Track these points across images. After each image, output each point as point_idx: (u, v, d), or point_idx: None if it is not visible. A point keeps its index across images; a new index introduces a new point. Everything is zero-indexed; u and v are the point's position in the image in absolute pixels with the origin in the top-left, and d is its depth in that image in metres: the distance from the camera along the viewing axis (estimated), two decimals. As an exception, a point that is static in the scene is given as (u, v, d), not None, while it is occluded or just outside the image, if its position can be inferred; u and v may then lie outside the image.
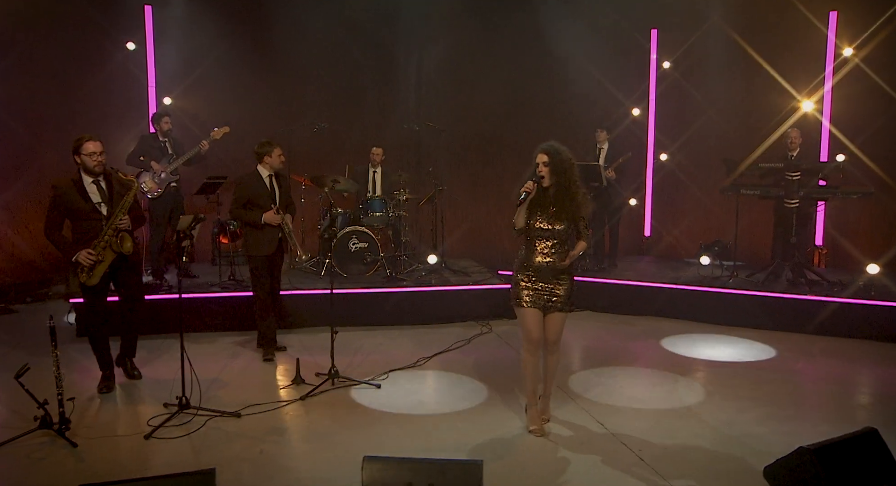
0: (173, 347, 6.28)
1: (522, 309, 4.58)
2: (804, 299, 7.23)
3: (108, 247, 5.06)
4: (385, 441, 4.53)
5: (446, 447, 4.42)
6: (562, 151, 4.55)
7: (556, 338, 4.67)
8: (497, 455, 4.33)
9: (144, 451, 4.32)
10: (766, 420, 4.92)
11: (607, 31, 9.96)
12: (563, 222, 4.50)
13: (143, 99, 8.88)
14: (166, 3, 8.85)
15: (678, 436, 4.65)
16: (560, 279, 4.57)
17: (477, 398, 5.34)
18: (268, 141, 6.12)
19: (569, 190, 4.51)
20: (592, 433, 4.72)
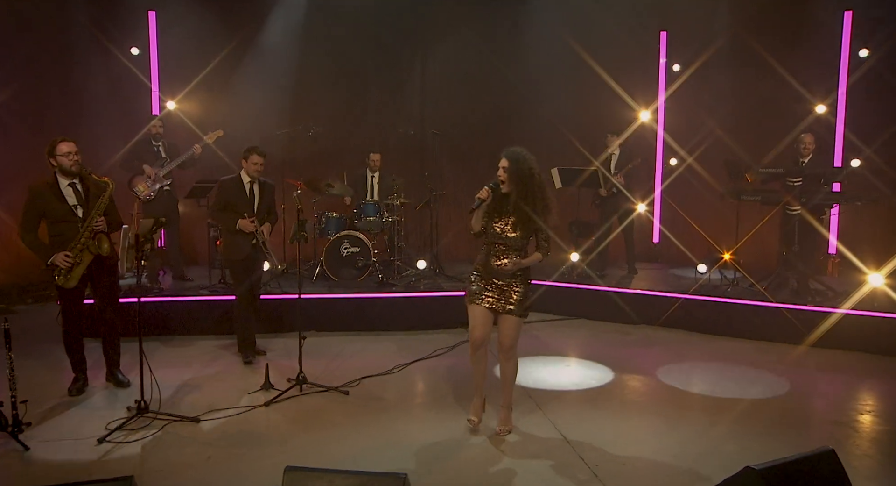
0: (157, 350, 6.39)
1: (472, 307, 4.61)
2: (801, 310, 6.95)
3: (85, 249, 5.10)
4: (334, 449, 4.47)
5: (392, 457, 4.34)
6: (524, 159, 4.48)
7: (511, 343, 4.61)
8: (438, 465, 4.23)
9: (94, 455, 4.32)
10: (736, 437, 4.72)
11: (616, 34, 9.79)
12: (519, 231, 4.46)
13: (146, 103, 8.99)
14: (169, 8, 8.95)
15: (643, 451, 4.49)
16: (513, 284, 4.53)
17: (441, 407, 5.25)
18: (250, 147, 6.08)
19: (527, 199, 4.43)
20: (551, 443, 4.60)
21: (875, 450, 4.56)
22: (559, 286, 8.14)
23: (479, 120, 10.10)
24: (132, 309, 6.50)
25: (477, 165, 10.19)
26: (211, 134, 7.67)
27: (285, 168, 8.57)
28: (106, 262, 5.27)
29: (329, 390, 5.46)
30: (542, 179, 4.55)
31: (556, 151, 9.82)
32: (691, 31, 9.74)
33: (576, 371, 6.16)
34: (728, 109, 9.50)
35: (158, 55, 9.03)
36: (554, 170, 8.47)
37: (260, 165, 5.96)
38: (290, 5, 9.23)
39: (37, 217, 5.17)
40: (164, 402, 5.13)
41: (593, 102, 9.84)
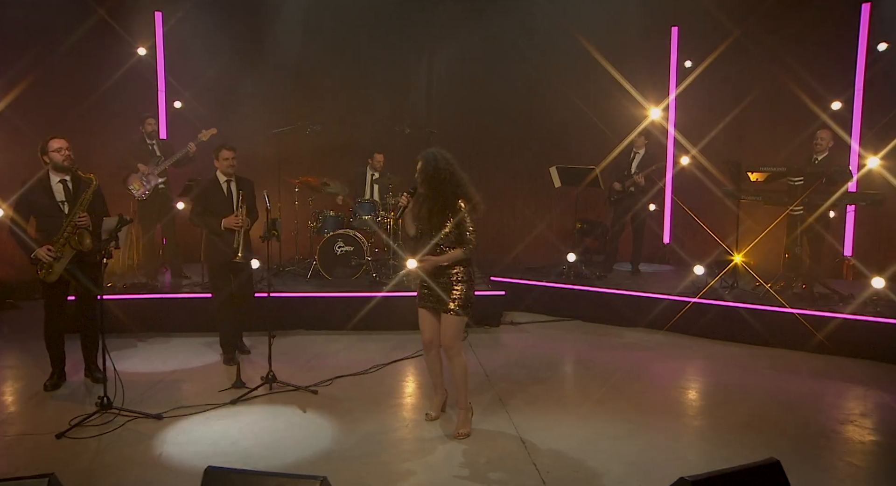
0: (143, 347, 6.50)
1: (420, 310, 4.73)
2: (800, 314, 6.70)
3: (67, 244, 5.19)
4: (285, 449, 4.46)
5: (337, 458, 4.31)
6: (433, 159, 4.53)
7: (449, 342, 4.63)
8: (384, 468, 4.18)
9: (49, 450, 4.39)
10: (703, 445, 4.57)
11: (626, 30, 9.62)
12: (439, 230, 4.49)
13: (153, 103, 9.14)
14: (176, 8, 9.07)
15: (600, 457, 4.37)
16: (452, 282, 4.56)
17: (406, 407, 5.22)
18: (219, 144, 6.06)
19: (436, 199, 4.48)
20: (508, 448, 4.51)
21: (844, 462, 4.36)
22: (554, 287, 8.01)
23: (484, 119, 10.03)
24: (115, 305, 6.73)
25: (483, 164, 10.14)
26: (205, 132, 7.76)
27: (286, 166, 8.62)
28: (88, 258, 5.34)
29: (298, 389, 5.46)
30: (461, 176, 4.59)
31: (565, 150, 9.71)
32: (704, 26, 9.49)
33: (553, 373, 6.04)
34: (741, 106, 9.24)
35: (164, 55, 9.16)
36: (552, 169, 8.36)
37: (231, 160, 5.92)
38: (295, 5, 9.27)
39: (25, 210, 5.27)
40: (136, 398, 5.22)
41: (602, 100, 9.70)
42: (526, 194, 10.29)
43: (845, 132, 8.52)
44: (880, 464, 4.40)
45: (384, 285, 7.57)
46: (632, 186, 8.18)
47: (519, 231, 10.30)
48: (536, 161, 9.77)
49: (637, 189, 8.19)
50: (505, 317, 7.75)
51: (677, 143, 9.85)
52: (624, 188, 8.22)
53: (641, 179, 8.11)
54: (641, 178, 8.11)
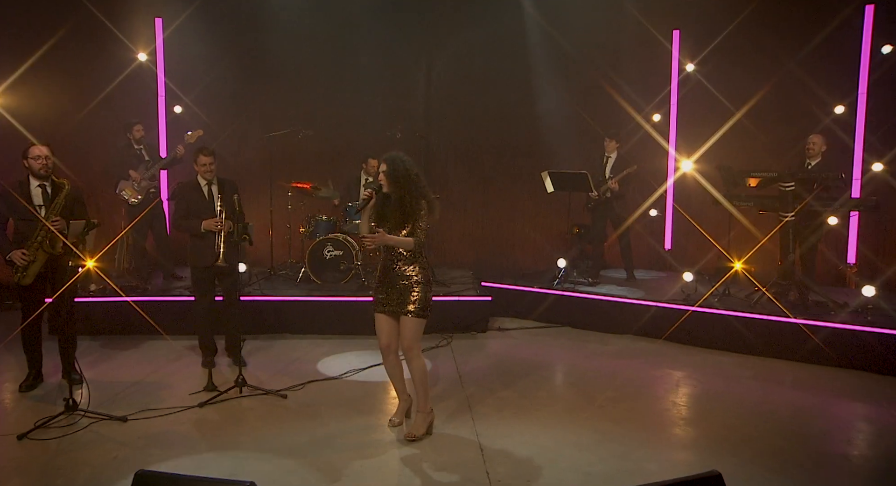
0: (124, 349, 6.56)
1: (376, 315, 4.75)
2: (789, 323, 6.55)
3: (40, 248, 5.26)
4: (239, 453, 4.46)
5: (290, 462, 4.29)
6: (401, 161, 4.65)
7: (409, 344, 4.68)
8: (333, 474, 4.16)
9: (7, 451, 4.45)
10: (665, 456, 4.47)
11: (627, 32, 9.52)
12: (403, 230, 4.57)
13: (153, 107, 9.25)
14: (176, 15, 9.18)
15: (556, 467, 4.30)
16: (410, 286, 4.64)
17: (371, 412, 5.18)
18: (196, 148, 6.07)
19: (403, 199, 4.58)
20: (465, 454, 4.47)
21: (806, 477, 4.23)
22: (545, 293, 7.93)
23: (485, 122, 9.97)
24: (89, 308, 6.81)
25: (483, 167, 10.10)
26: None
27: (282, 170, 8.66)
28: (62, 262, 5.40)
29: (267, 393, 5.47)
30: (423, 180, 4.72)
31: (564, 153, 9.63)
32: (705, 29, 9.34)
33: (527, 380, 5.96)
34: (743, 111, 9.08)
35: (165, 60, 9.27)
36: (545, 173, 8.29)
37: (209, 165, 5.90)
38: (292, 10, 9.32)
39: (4, 215, 5.36)
40: (108, 400, 5.29)
41: (602, 103, 9.60)
42: (526, 198, 10.20)
43: (848, 137, 8.34)
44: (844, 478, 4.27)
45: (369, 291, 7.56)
46: (607, 191, 8.07)
47: (518, 235, 10.23)
48: (536, 164, 9.66)
49: (613, 194, 8.08)
50: (493, 323, 7.68)
51: (678, 147, 9.71)
52: (599, 194, 8.11)
53: (615, 183, 8.01)
54: (615, 182, 8.01)
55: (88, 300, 7.04)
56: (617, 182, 8.09)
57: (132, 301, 6.98)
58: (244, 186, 8.65)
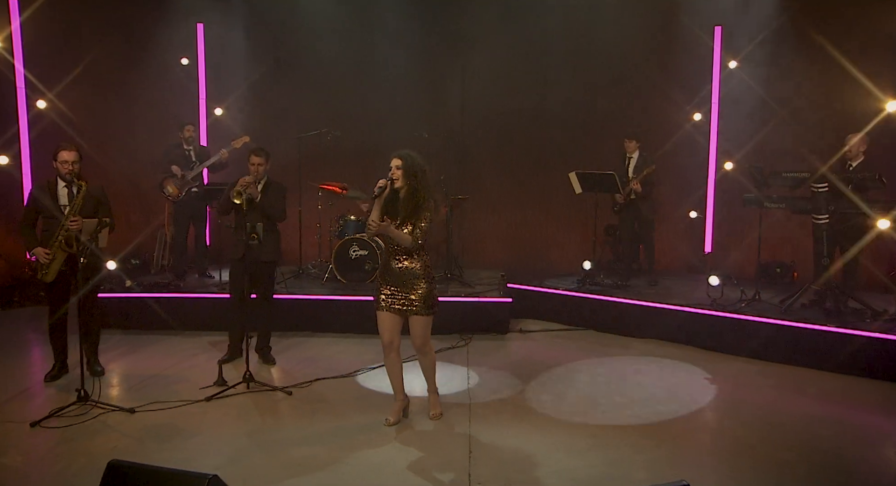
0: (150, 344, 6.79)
1: (379, 313, 4.81)
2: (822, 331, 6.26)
3: (59, 246, 5.51)
4: (228, 446, 4.57)
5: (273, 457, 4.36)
6: (415, 157, 4.74)
7: (421, 342, 4.79)
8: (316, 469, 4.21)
9: (19, 437, 4.68)
10: (656, 464, 4.35)
11: (666, 29, 9.29)
12: (410, 225, 4.62)
13: (195, 109, 9.56)
14: (217, 20, 9.47)
15: (541, 472, 4.25)
16: (414, 284, 4.71)
17: (370, 410, 5.19)
18: (253, 148, 6.19)
19: (417, 193, 4.64)
20: (452, 455, 4.46)
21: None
22: (570, 295, 7.82)
23: (520, 122, 9.88)
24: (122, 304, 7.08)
25: (518, 167, 10.01)
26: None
27: (317, 171, 8.81)
28: (86, 259, 5.61)
29: (274, 389, 5.57)
30: (431, 178, 4.84)
31: (604, 154, 9.46)
32: (749, 25, 9.05)
33: (535, 382, 5.89)
34: (789, 109, 8.76)
35: (206, 65, 9.57)
36: (572, 174, 8.18)
37: (257, 166, 6.02)
38: (328, 13, 9.45)
39: (34, 212, 5.64)
40: (123, 392, 5.53)
41: (643, 102, 9.41)
42: (562, 199, 10.04)
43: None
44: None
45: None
46: (630, 193, 7.88)
47: (554, 236, 10.10)
48: (572, 165, 9.51)
49: (637, 195, 7.88)
50: (516, 325, 7.62)
51: (720, 147, 9.42)
52: (624, 196, 7.93)
53: (637, 184, 7.81)
54: (637, 183, 7.80)
55: (122, 296, 7.33)
56: (639, 183, 7.89)
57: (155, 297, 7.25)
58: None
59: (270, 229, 6.11)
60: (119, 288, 7.50)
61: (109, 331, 7.05)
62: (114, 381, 5.82)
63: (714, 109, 9.41)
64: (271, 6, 9.56)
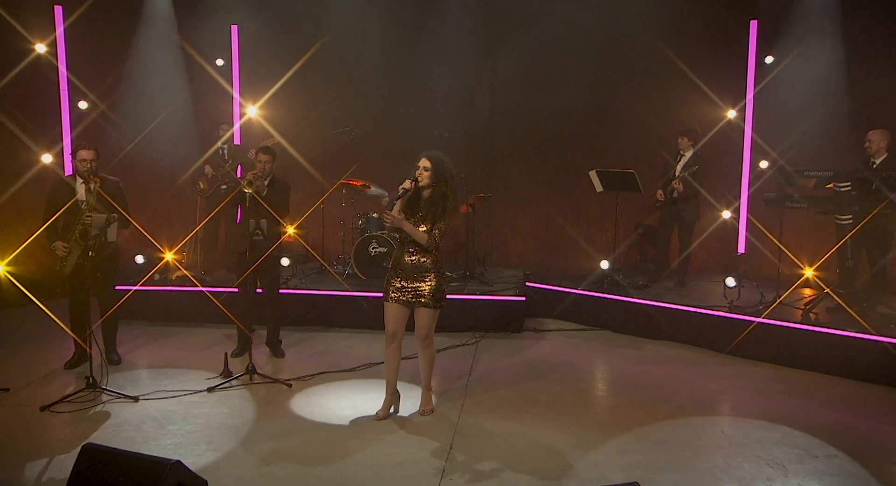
0: (167, 335, 7.04)
1: (386, 304, 4.93)
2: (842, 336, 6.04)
3: (74, 241, 5.79)
4: (215, 434, 4.71)
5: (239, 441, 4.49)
6: (445, 161, 4.81)
7: (425, 333, 4.92)
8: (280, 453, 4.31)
9: (27, 420, 4.94)
10: (638, 466, 4.28)
11: (699, 24, 9.08)
12: (427, 224, 4.72)
13: (228, 110, 9.84)
14: (250, 22, 9.72)
15: (519, 469, 4.24)
16: (425, 277, 4.82)
17: (364, 406, 5.26)
18: (261, 147, 6.39)
19: (445, 197, 4.73)
20: (433, 448, 4.51)
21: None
22: (586, 295, 7.74)
23: (549, 121, 9.80)
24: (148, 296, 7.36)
25: (547, 167, 9.94)
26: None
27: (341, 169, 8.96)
28: (102, 252, 5.89)
29: (275, 381, 5.72)
30: (457, 183, 4.96)
31: (636, 153, 9.33)
32: (787, 18, 8.77)
33: (535, 381, 5.86)
34: (828, 105, 8.46)
35: (239, 65, 9.84)
36: (592, 172, 8.09)
37: (264, 163, 6.20)
38: (357, 13, 9.59)
39: (54, 207, 5.93)
40: (132, 381, 5.75)
41: (673, 100, 9.21)
42: (591, 198, 9.94)
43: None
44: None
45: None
46: (673, 191, 7.72)
47: (584, 235, 9.98)
48: (602, 164, 9.40)
49: (680, 194, 7.71)
50: (531, 324, 7.59)
51: (755, 145, 9.14)
52: (666, 194, 7.78)
53: (679, 184, 7.63)
54: (679, 183, 7.63)
55: (148, 289, 7.63)
56: (680, 182, 7.73)
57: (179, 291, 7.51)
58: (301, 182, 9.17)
59: (275, 224, 6.26)
60: (147, 281, 7.79)
61: (134, 322, 7.39)
62: (126, 370, 6.07)
63: (749, 106, 9.15)
64: (303, 7, 9.73)
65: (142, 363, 6.26)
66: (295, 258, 8.80)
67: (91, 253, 5.38)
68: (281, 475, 4.19)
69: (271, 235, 6.19)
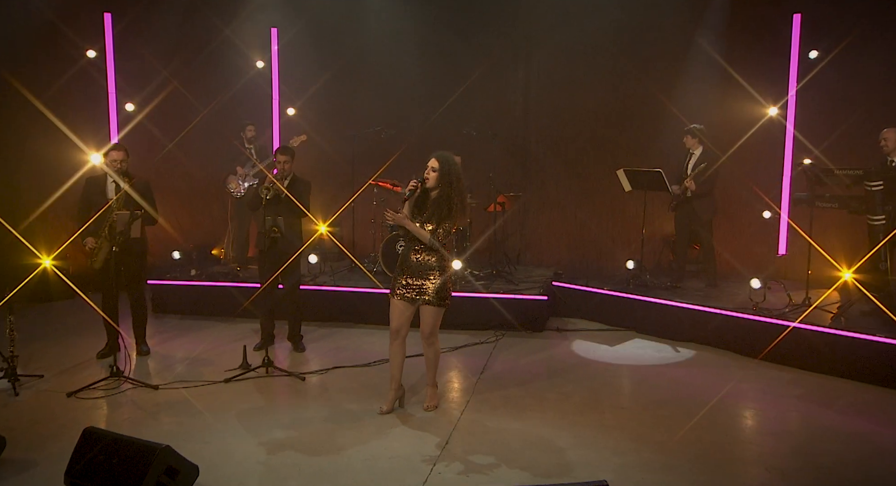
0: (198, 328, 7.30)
1: (392, 300, 5.00)
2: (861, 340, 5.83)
3: (103, 237, 6.08)
4: (217, 423, 4.89)
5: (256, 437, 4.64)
6: (453, 162, 4.86)
7: (429, 331, 4.96)
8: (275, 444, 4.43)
9: (54, 405, 5.22)
10: (631, 468, 4.24)
11: (739, 18, 8.88)
12: (433, 224, 4.79)
13: (268, 110, 10.12)
14: (290, 25, 9.96)
15: (512, 466, 4.25)
16: (430, 275, 4.87)
17: (369, 400, 5.35)
18: (282, 148, 6.60)
19: (450, 199, 4.78)
20: (422, 446, 4.55)
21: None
22: (611, 295, 7.67)
23: (584, 120, 9.73)
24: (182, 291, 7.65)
25: (582, 165, 9.85)
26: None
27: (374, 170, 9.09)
28: (133, 248, 6.17)
29: (290, 375, 5.88)
30: (464, 184, 4.95)
31: (672, 152, 9.16)
32: (831, 11, 8.48)
33: (547, 380, 5.86)
34: (875, 101, 8.15)
35: (279, 67, 10.10)
36: (620, 172, 8.01)
37: (283, 164, 6.41)
38: (393, 13, 9.71)
39: (87, 204, 6.24)
40: (155, 371, 6.03)
41: (714, 97, 9.00)
42: (626, 197, 9.79)
43: None
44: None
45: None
46: (686, 191, 7.57)
47: (619, 235, 9.86)
48: (638, 163, 9.27)
49: (693, 194, 7.55)
50: (555, 323, 7.57)
51: (798, 143, 8.86)
52: (680, 193, 7.63)
53: (691, 182, 7.48)
54: (691, 181, 7.48)
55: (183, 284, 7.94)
56: (692, 181, 7.58)
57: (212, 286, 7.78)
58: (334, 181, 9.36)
59: (294, 222, 6.43)
60: (183, 276, 8.10)
61: (168, 316, 7.69)
62: (152, 360, 6.33)
63: (791, 102, 8.87)
64: (340, 9, 9.89)
65: (169, 354, 6.52)
66: (328, 256, 9.01)
67: (115, 248, 5.62)
68: (276, 464, 4.32)
69: (290, 233, 6.36)
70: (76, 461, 3.77)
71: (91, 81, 9.17)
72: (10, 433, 4.47)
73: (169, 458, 3.67)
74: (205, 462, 4.07)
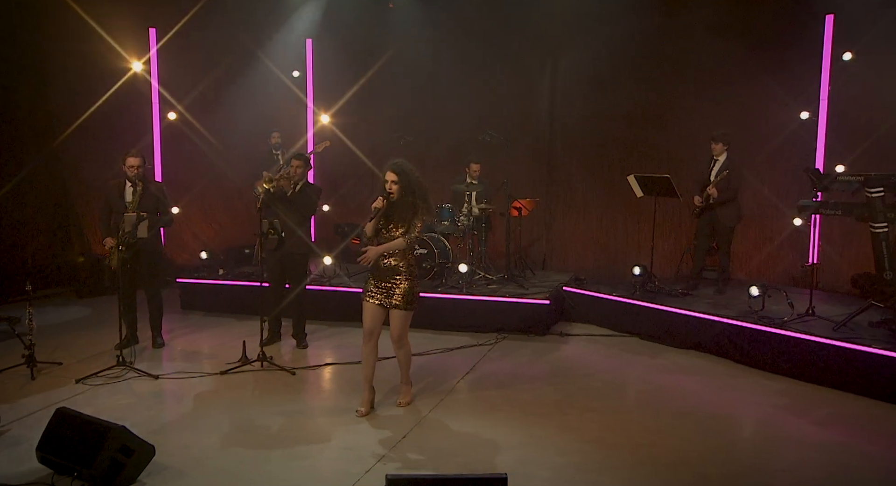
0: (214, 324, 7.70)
1: (364, 304, 5.19)
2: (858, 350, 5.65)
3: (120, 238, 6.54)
4: (200, 411, 5.21)
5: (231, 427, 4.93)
6: (409, 171, 5.03)
7: (398, 334, 5.15)
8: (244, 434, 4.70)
9: (61, 389, 5.68)
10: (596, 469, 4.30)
11: (770, 19, 8.69)
12: (403, 228, 4.99)
13: (303, 118, 10.55)
14: (324, 36, 10.36)
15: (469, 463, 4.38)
16: (397, 280, 5.05)
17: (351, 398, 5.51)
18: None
19: (415, 205, 5.00)
20: (375, 443, 4.72)
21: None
22: (616, 301, 7.64)
23: (610, 124, 9.69)
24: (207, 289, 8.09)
25: (608, 170, 9.81)
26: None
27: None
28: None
29: (282, 369, 6.17)
30: (425, 185, 5.11)
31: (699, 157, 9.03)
32: (866, 12, 8.20)
33: (529, 383, 5.92)
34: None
35: (313, 76, 10.51)
36: (631, 177, 7.97)
37: (296, 168, 6.76)
38: (423, 20, 9.93)
39: (107, 207, 6.73)
40: (161, 362, 6.42)
41: (744, 100, 8.83)
42: (651, 202, 9.68)
43: None
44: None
45: (451, 289, 7.84)
46: (709, 198, 7.45)
47: (645, 241, 9.73)
48: (665, 168, 9.16)
49: (716, 201, 7.43)
50: (559, 328, 7.60)
51: (829, 147, 8.59)
52: (703, 200, 7.52)
53: (714, 189, 7.34)
54: (713, 188, 7.35)
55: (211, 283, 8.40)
56: (715, 188, 7.45)
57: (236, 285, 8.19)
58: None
59: (301, 224, 6.73)
60: (211, 276, 8.56)
61: (194, 312, 8.17)
62: (161, 352, 6.75)
63: (823, 107, 8.61)
64: (371, 19, 10.19)
65: (179, 348, 6.92)
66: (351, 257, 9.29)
67: (121, 247, 6.06)
68: (230, 454, 4.57)
69: (298, 234, 6.67)
70: (46, 437, 4.15)
71: (136, 92, 9.77)
72: (13, 412, 4.92)
73: (122, 437, 3.99)
74: (172, 445, 4.40)
